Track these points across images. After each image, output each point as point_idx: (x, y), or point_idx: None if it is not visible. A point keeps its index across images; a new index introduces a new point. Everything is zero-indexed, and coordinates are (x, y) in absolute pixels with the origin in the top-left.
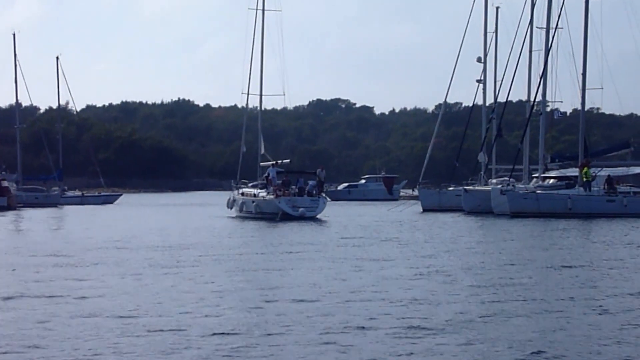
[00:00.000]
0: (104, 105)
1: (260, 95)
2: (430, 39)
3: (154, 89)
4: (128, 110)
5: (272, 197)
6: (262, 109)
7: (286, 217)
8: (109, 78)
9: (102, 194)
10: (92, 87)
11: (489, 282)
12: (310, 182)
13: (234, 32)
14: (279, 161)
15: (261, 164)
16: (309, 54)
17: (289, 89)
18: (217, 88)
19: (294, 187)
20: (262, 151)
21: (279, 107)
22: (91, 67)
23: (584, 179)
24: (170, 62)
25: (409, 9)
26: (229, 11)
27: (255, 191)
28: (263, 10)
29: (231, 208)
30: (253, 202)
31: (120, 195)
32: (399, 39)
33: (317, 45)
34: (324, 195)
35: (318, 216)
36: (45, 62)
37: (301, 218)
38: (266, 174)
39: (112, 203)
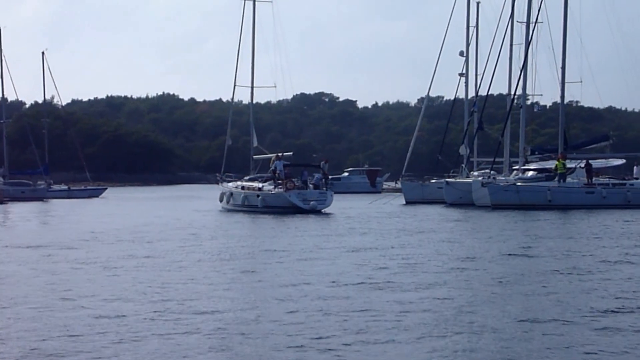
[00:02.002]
0: (89, 100)
1: (252, 87)
2: (413, 34)
3: (139, 84)
4: (113, 105)
5: (281, 190)
6: (247, 102)
7: (297, 211)
8: (94, 73)
9: (88, 187)
10: (77, 82)
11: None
12: (316, 175)
13: (222, 26)
14: (281, 153)
15: (254, 156)
16: (298, 48)
17: (279, 82)
18: (202, 82)
19: (296, 180)
20: (256, 144)
21: (262, 101)
22: (76, 62)
23: (559, 171)
24: (157, 57)
25: (392, 6)
26: (220, 6)
27: (259, 184)
28: (254, 1)
29: (227, 202)
30: (258, 195)
31: (106, 189)
32: (383, 35)
33: (305, 40)
34: (330, 188)
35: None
36: (31, 57)
37: (312, 211)
38: (272, 168)
39: (97, 197)
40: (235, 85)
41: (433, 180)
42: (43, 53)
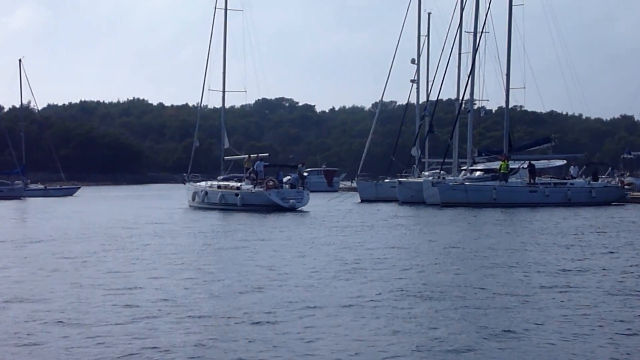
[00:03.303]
0: (63, 105)
1: (223, 91)
2: (372, 43)
3: (111, 89)
4: (86, 109)
5: (261, 189)
6: (212, 107)
7: (276, 209)
8: (72, 79)
9: (63, 187)
10: (56, 88)
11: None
12: (293, 175)
13: (198, 35)
14: (255, 155)
15: (225, 157)
16: (267, 55)
17: (249, 87)
18: (170, 88)
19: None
20: (227, 145)
21: (227, 106)
22: (56, 69)
23: (502, 172)
24: (133, 65)
25: (348, 17)
26: (198, 16)
27: (236, 184)
28: (225, 9)
29: (202, 200)
30: (237, 194)
31: (79, 188)
32: (340, 44)
33: (274, 47)
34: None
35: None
36: (9, 65)
37: (291, 209)
38: (252, 168)
39: (72, 195)
40: (205, 90)
41: (387, 180)
42: (20, 60)
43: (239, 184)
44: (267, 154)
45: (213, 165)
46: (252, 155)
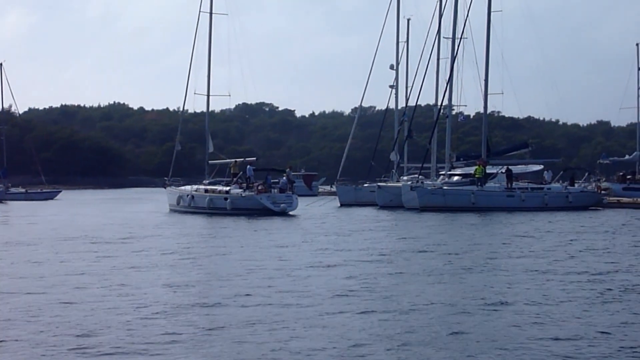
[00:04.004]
0: (45, 109)
1: (208, 95)
2: (353, 48)
3: (93, 94)
4: (68, 113)
5: (252, 193)
6: (193, 111)
7: (267, 213)
8: (51, 83)
9: (44, 190)
10: (33, 92)
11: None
12: (282, 180)
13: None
14: (248, 159)
15: (210, 162)
16: (253, 59)
17: (233, 91)
18: (151, 92)
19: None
20: (211, 149)
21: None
22: (35, 72)
23: (477, 176)
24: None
25: (328, 23)
26: (185, 22)
27: (224, 188)
28: (210, 13)
29: (189, 205)
30: (226, 198)
31: (60, 191)
32: (326, 49)
33: (260, 51)
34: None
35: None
36: None
37: (281, 213)
38: (241, 172)
39: (52, 199)
40: (191, 93)
41: (366, 184)
42: (1, 64)
43: (227, 188)
44: (254, 158)
45: (194, 169)
46: (238, 160)
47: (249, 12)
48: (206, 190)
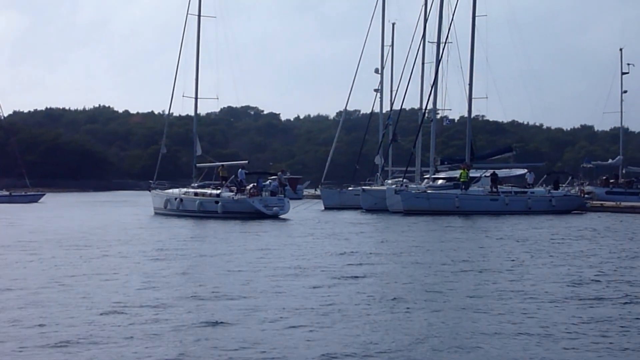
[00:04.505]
0: (29, 112)
1: (196, 98)
2: (334, 52)
3: (78, 96)
4: (52, 116)
5: (244, 197)
6: (177, 114)
7: (259, 216)
8: (36, 86)
9: (28, 193)
10: (19, 95)
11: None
12: (273, 183)
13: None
14: (239, 162)
15: (198, 165)
16: (243, 62)
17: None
18: (137, 95)
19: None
20: (199, 152)
21: (193, 113)
22: (19, 76)
23: (461, 180)
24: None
25: (317, 27)
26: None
27: (214, 191)
28: (199, 16)
29: (177, 208)
30: (217, 202)
31: (44, 194)
32: (307, 54)
33: (249, 55)
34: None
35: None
36: None
37: (273, 216)
38: (233, 176)
39: (37, 202)
40: (179, 96)
41: (350, 188)
42: None
43: (218, 192)
44: (246, 162)
45: (179, 172)
46: (226, 163)
47: (237, 16)
48: (196, 194)
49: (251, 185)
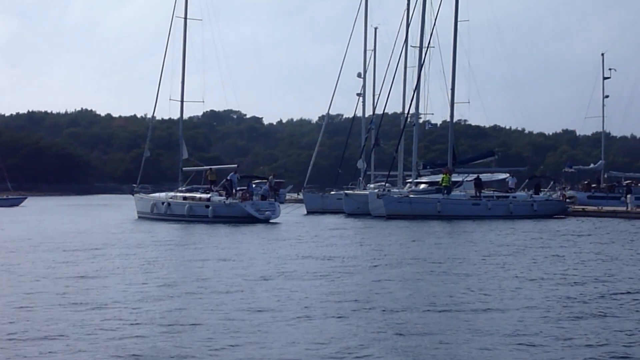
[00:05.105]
0: (11, 115)
1: (182, 101)
2: (320, 57)
3: (59, 100)
4: (34, 119)
5: (236, 201)
6: (160, 118)
7: (251, 220)
8: (19, 90)
9: (10, 197)
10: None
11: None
12: (264, 187)
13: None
14: (230, 166)
15: (184, 168)
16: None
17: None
18: (119, 98)
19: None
20: (186, 156)
21: (175, 117)
22: (3, 79)
23: (443, 184)
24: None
25: (304, 31)
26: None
27: (204, 195)
28: (185, 18)
29: (165, 212)
30: (207, 206)
31: (25, 198)
32: (293, 58)
33: (235, 58)
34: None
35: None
36: None
37: (265, 220)
38: (225, 179)
39: (18, 205)
40: (161, 100)
41: (333, 192)
42: None
43: (208, 196)
44: (236, 165)
45: (162, 176)
46: (214, 167)
47: (225, 19)
48: (184, 198)
49: (240, 189)
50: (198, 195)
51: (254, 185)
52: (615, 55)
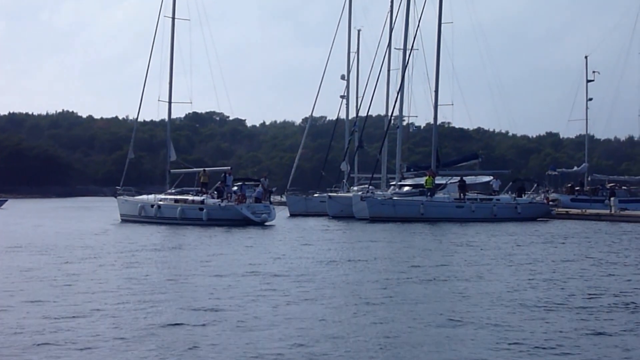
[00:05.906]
0: None
1: (170, 102)
2: (306, 60)
3: (41, 101)
4: (15, 121)
5: (231, 203)
6: (142, 120)
7: (246, 223)
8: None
9: None
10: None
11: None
12: (257, 190)
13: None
14: (223, 167)
15: (171, 170)
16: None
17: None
18: (102, 100)
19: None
20: (174, 158)
21: (157, 119)
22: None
23: (427, 187)
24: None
25: (293, 35)
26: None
27: (197, 198)
28: (173, 18)
29: (155, 215)
30: (201, 209)
31: (7, 200)
32: (279, 60)
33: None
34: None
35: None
36: None
37: (261, 224)
38: (219, 182)
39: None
40: (146, 101)
41: (316, 195)
42: None
43: (201, 198)
44: (229, 167)
45: (143, 178)
46: (207, 169)
47: (214, 21)
48: (176, 200)
49: (237, 192)
50: (190, 197)
51: (259, 187)
52: (599, 58)
